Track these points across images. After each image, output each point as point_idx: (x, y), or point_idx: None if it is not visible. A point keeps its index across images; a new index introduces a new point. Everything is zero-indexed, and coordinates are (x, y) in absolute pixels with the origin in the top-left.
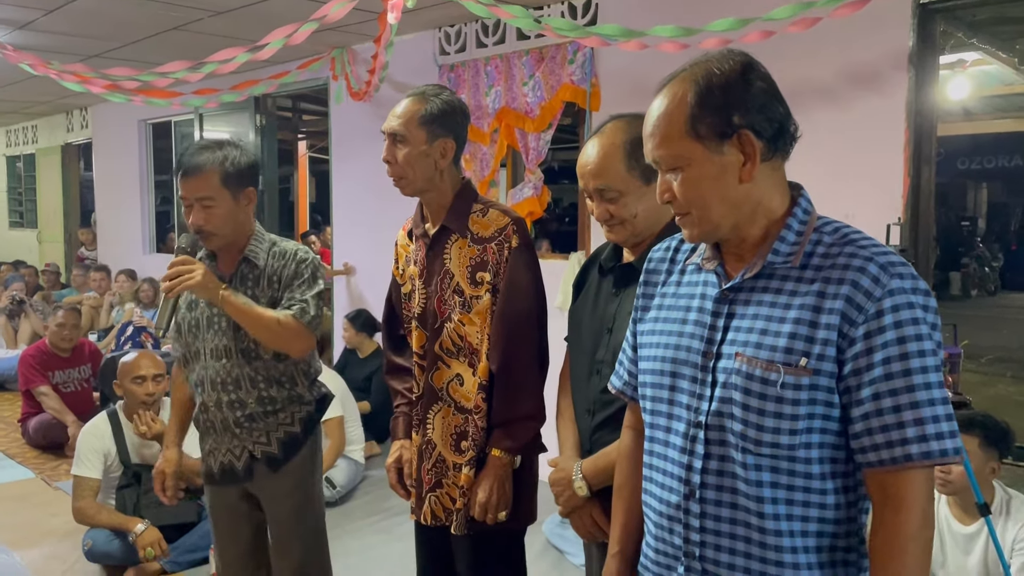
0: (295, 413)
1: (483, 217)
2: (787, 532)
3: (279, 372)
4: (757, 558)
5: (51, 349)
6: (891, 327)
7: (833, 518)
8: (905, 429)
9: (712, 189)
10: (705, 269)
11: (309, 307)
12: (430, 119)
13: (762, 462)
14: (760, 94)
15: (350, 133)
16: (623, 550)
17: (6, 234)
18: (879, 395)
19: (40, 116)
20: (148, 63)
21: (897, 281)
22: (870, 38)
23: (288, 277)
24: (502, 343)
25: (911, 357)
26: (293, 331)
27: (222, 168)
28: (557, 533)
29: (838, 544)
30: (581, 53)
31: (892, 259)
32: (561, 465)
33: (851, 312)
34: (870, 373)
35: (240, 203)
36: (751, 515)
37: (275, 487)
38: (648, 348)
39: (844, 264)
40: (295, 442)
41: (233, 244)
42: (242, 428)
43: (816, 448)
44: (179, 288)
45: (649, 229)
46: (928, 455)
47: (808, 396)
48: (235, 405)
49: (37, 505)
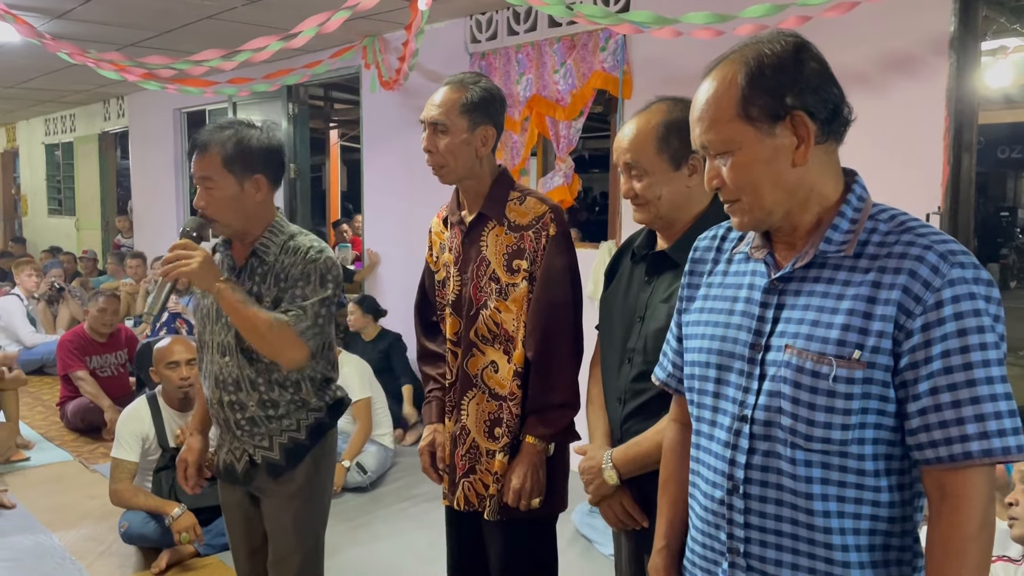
0: (301, 420)
1: (520, 205)
2: (837, 530)
3: (281, 376)
4: (805, 554)
5: (89, 334)
6: (951, 318)
7: (887, 516)
8: (965, 425)
9: (764, 173)
10: (754, 258)
11: (306, 313)
12: (471, 107)
13: (812, 458)
14: (814, 75)
15: (381, 122)
16: (669, 545)
17: (45, 221)
18: (937, 389)
19: (78, 105)
20: (182, 52)
21: (958, 270)
22: (909, 23)
23: (294, 277)
24: (539, 331)
25: (972, 350)
26: (284, 338)
27: (224, 149)
28: (586, 523)
29: (892, 543)
30: (613, 40)
31: (952, 247)
32: (591, 453)
33: (908, 303)
34: (928, 366)
35: (246, 190)
36: (799, 512)
37: (275, 494)
38: (694, 339)
39: (901, 253)
40: (300, 450)
41: (246, 234)
42: (242, 430)
43: (870, 444)
44: (174, 273)
45: (673, 213)
46: (989, 453)
47: (862, 390)
48: (235, 406)
49: (75, 487)
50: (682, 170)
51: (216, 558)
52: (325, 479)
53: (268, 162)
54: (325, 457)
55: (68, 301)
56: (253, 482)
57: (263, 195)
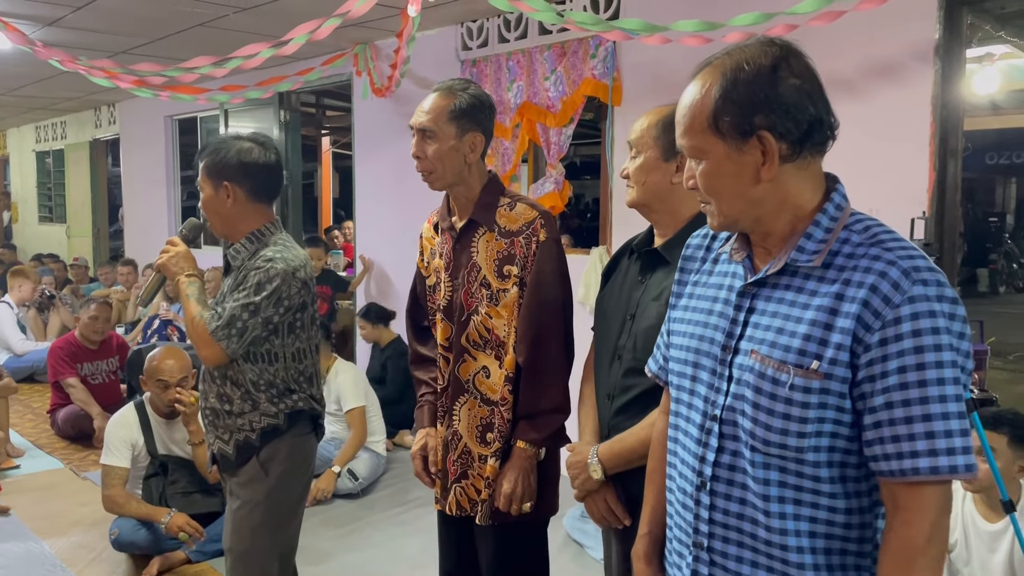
0: (253, 421)
1: (511, 211)
2: (793, 532)
3: (235, 374)
4: (764, 554)
5: (80, 341)
6: (909, 335)
7: (843, 522)
8: (916, 441)
9: (729, 186)
10: (734, 260)
11: (221, 316)
12: (459, 114)
13: (770, 461)
14: (790, 93)
15: (373, 128)
16: (652, 531)
17: (36, 228)
18: (892, 405)
19: (69, 112)
20: (174, 59)
21: (920, 288)
22: (895, 31)
23: (240, 278)
24: (529, 336)
25: (928, 367)
26: (198, 335)
27: (209, 160)
28: (577, 527)
29: (849, 548)
30: (603, 47)
31: (918, 264)
32: (578, 449)
33: (868, 317)
34: (884, 381)
35: (220, 196)
36: (759, 513)
37: (232, 492)
38: (677, 335)
39: (866, 267)
40: (249, 450)
41: (229, 238)
42: (207, 420)
43: (825, 451)
44: (157, 263)
45: (653, 202)
46: (936, 470)
47: (818, 400)
48: (203, 396)
49: (65, 495)
50: (670, 164)
51: (207, 565)
52: (280, 490)
53: (243, 174)
54: (278, 465)
55: (59, 308)
56: (222, 471)
57: (237, 204)
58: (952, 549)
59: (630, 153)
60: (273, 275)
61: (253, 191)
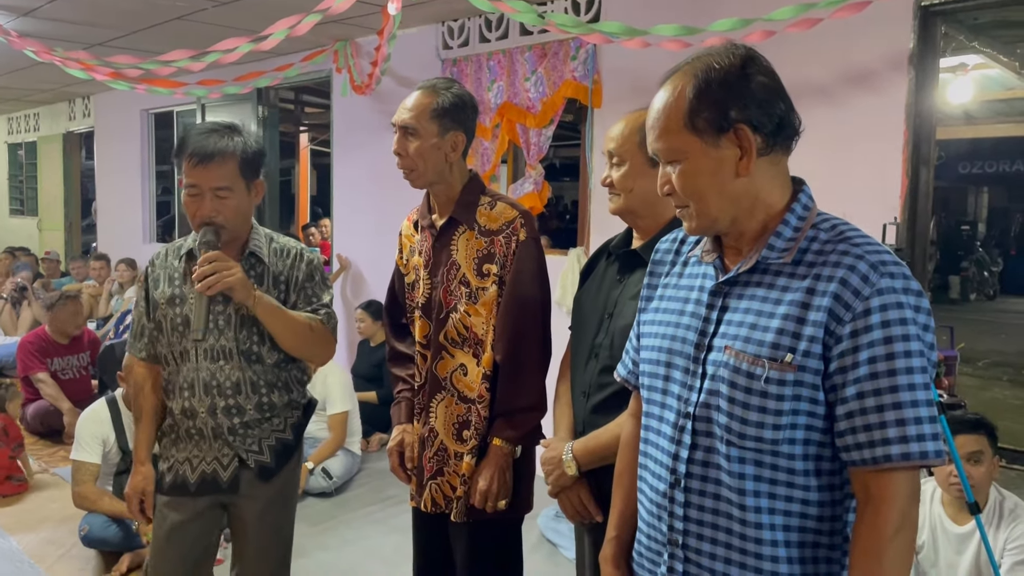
0: (288, 419)
1: (491, 210)
2: (768, 525)
3: (276, 377)
4: (738, 549)
5: (50, 336)
6: (878, 326)
7: (816, 514)
8: (887, 429)
9: (709, 183)
10: (704, 261)
11: (333, 313)
12: (442, 112)
13: (746, 455)
14: (760, 89)
15: (352, 126)
16: (620, 535)
17: (6, 221)
18: (863, 394)
19: (42, 104)
20: (151, 52)
21: (887, 280)
22: (871, 39)
23: (300, 279)
24: (508, 334)
25: (897, 357)
26: (323, 337)
27: (243, 155)
28: (551, 527)
29: (821, 540)
30: (584, 50)
31: (884, 258)
32: (553, 445)
33: (839, 310)
34: (855, 372)
35: (251, 195)
36: (733, 507)
37: (258, 498)
38: (648, 338)
39: (835, 262)
40: (288, 450)
41: (235, 239)
42: (236, 435)
43: (800, 444)
44: (219, 286)
45: (644, 209)
46: (908, 456)
47: (792, 392)
48: (232, 411)
49: (34, 490)
50: (657, 169)
51: None
52: (298, 477)
53: (261, 166)
54: (301, 462)
55: (32, 303)
56: (239, 489)
57: (260, 198)
58: (920, 551)
59: (610, 161)
60: (321, 265)
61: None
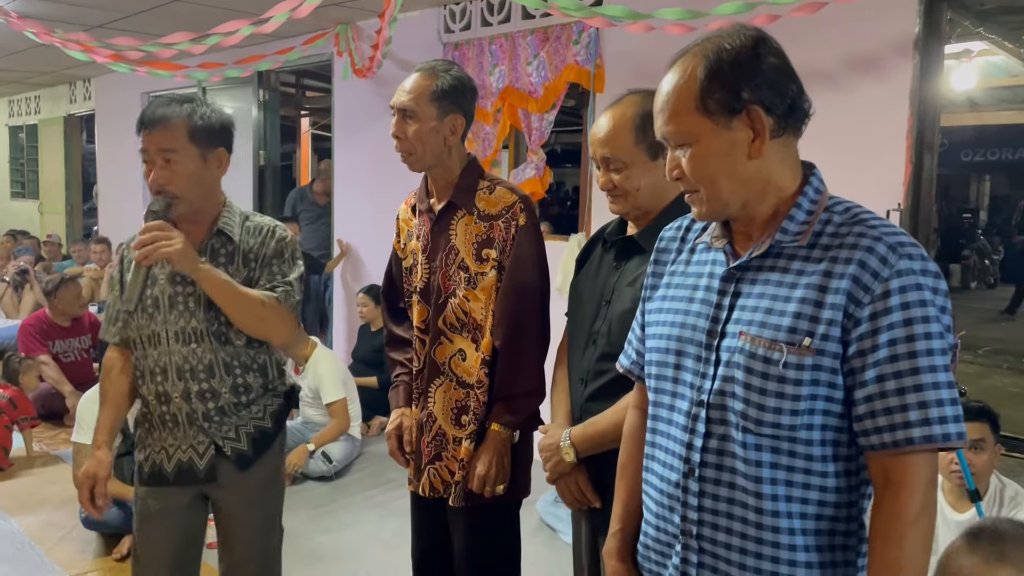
0: (267, 407)
1: (490, 194)
2: (785, 513)
3: (252, 359)
4: (753, 538)
5: (52, 319)
6: (898, 308)
7: (833, 501)
8: (908, 412)
9: (721, 166)
10: (714, 247)
11: (294, 290)
12: (441, 95)
13: (762, 442)
14: (772, 70)
15: (353, 110)
16: (624, 528)
17: (7, 205)
18: (883, 377)
19: (43, 87)
20: (151, 35)
21: (906, 262)
22: (875, 24)
23: (267, 256)
24: (507, 319)
25: (917, 339)
26: (277, 315)
27: (190, 121)
28: (551, 512)
29: (837, 528)
30: (586, 34)
31: (902, 239)
32: (551, 432)
33: (857, 292)
34: (875, 355)
35: (209, 164)
36: (749, 495)
37: (238, 489)
38: (655, 326)
39: (852, 244)
40: (267, 438)
41: (201, 213)
42: (211, 421)
43: (818, 430)
44: (155, 256)
45: (651, 204)
46: (930, 439)
47: (811, 376)
48: (206, 395)
49: (35, 473)
50: (659, 160)
51: None
52: (282, 474)
53: (227, 137)
54: (283, 449)
55: (34, 286)
56: (217, 479)
57: (223, 170)
58: None
59: (606, 168)
60: (296, 244)
61: (230, 154)
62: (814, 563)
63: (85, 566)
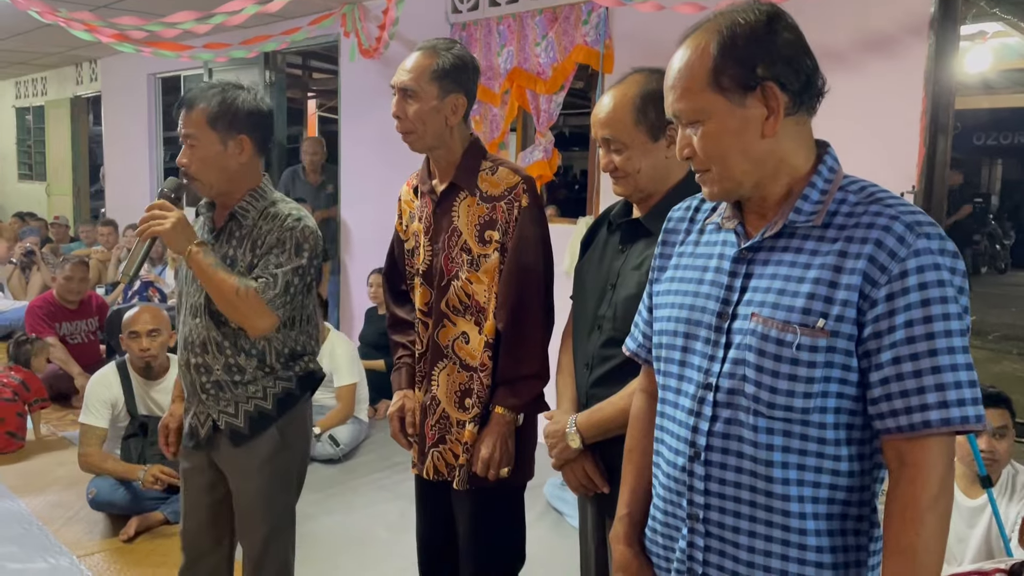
0: (268, 388)
1: (493, 175)
2: (796, 498)
3: (247, 342)
4: (763, 522)
5: (58, 301)
6: (915, 288)
7: (846, 485)
8: (925, 395)
9: (734, 144)
10: (725, 228)
11: (276, 282)
12: (442, 74)
13: (774, 425)
14: (787, 45)
15: (360, 92)
16: (631, 513)
17: (15, 186)
18: (900, 359)
19: (49, 68)
20: (156, 15)
21: (924, 241)
22: (889, 4)
23: (269, 244)
24: (510, 301)
25: (935, 320)
26: (250, 306)
27: (210, 106)
28: (557, 495)
29: (849, 512)
30: (595, 14)
31: (919, 218)
32: (557, 418)
33: (874, 272)
34: (891, 336)
35: (229, 150)
36: (758, 479)
37: (239, 463)
38: (663, 308)
39: (868, 223)
40: (265, 420)
41: (227, 196)
42: (208, 394)
43: (831, 413)
44: (147, 233)
45: (653, 186)
46: (948, 422)
47: (825, 358)
48: (201, 369)
49: (43, 454)
50: (660, 142)
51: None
52: (295, 451)
53: (254, 124)
54: (294, 429)
55: (40, 267)
56: (216, 449)
57: (246, 157)
58: None
59: (607, 148)
60: (308, 235)
61: (261, 143)
62: (825, 547)
63: (92, 547)
